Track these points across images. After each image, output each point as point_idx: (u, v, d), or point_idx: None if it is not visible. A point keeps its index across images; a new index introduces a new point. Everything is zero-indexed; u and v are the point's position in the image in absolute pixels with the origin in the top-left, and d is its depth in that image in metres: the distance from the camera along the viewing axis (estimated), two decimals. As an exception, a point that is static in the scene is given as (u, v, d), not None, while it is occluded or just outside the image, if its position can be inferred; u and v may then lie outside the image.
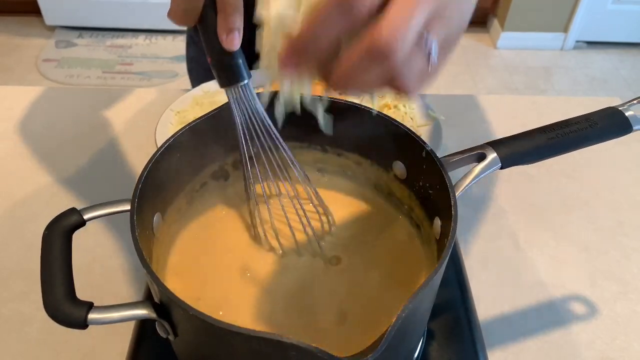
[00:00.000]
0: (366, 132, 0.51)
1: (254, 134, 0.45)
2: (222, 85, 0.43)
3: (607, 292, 0.61)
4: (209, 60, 0.42)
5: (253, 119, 0.44)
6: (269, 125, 0.45)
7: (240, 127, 0.45)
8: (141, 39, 2.64)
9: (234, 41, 0.40)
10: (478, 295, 0.59)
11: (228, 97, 0.44)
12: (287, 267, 0.49)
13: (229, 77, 0.42)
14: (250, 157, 0.47)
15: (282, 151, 0.47)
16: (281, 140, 0.46)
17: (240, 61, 0.42)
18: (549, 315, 0.59)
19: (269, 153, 0.47)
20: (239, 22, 0.40)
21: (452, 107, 0.86)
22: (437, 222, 0.45)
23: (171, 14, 0.40)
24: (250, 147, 0.46)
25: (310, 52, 0.31)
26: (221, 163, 0.53)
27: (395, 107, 0.75)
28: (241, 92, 0.43)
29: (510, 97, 0.89)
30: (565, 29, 2.59)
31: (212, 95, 0.77)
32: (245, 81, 0.43)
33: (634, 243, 0.67)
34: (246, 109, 0.44)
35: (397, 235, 0.52)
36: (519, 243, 0.66)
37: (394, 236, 0.52)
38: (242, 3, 0.40)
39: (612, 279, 0.62)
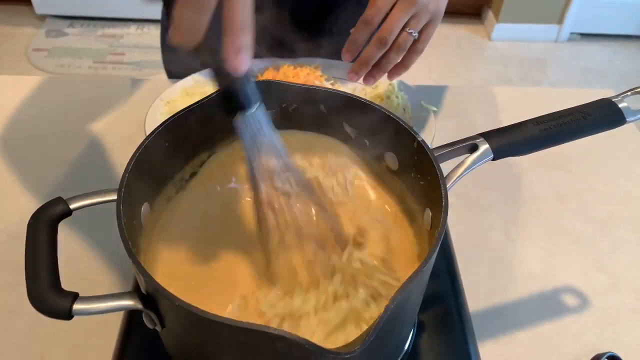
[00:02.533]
0: (358, 123, 0.51)
1: (262, 154, 0.42)
2: (229, 112, 0.39)
3: (597, 283, 0.61)
4: (216, 84, 0.38)
5: (262, 141, 0.41)
6: (279, 148, 0.42)
7: (248, 150, 0.42)
8: (133, 29, 2.61)
9: (241, 62, 0.35)
10: (469, 287, 0.59)
11: (236, 123, 0.40)
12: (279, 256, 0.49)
13: (238, 105, 0.38)
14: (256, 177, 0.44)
15: (291, 173, 0.44)
16: (292, 163, 0.44)
17: (250, 86, 0.38)
18: (540, 307, 0.59)
19: (277, 172, 0.44)
20: (247, 40, 0.35)
21: (445, 98, 0.85)
22: (428, 213, 0.45)
23: (174, 36, 0.34)
24: (258, 168, 0.43)
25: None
26: (210, 152, 0.52)
27: (388, 97, 0.74)
28: (251, 118, 0.39)
29: (504, 88, 0.89)
30: (560, 21, 2.59)
31: (202, 84, 0.76)
32: (255, 107, 0.39)
33: (625, 235, 0.67)
34: (255, 133, 0.40)
35: (389, 226, 0.52)
36: (510, 234, 0.66)
37: (386, 226, 0.52)
38: (251, 19, 0.35)
39: (603, 271, 0.63)
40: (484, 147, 0.45)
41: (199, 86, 0.76)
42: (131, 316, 0.52)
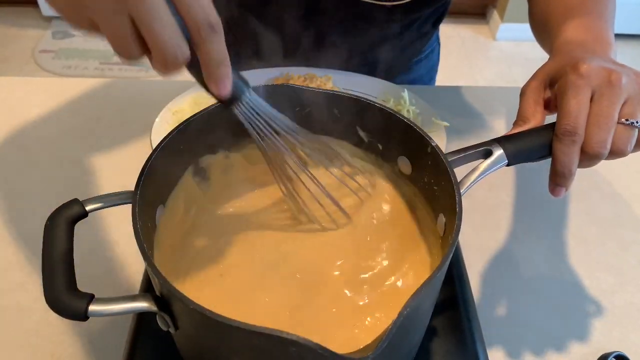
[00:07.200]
0: (371, 127, 0.51)
1: (268, 134, 0.45)
2: (226, 105, 0.42)
3: (604, 283, 0.61)
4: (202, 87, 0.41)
5: (264, 121, 0.44)
6: (280, 123, 0.45)
7: (254, 132, 0.44)
8: (138, 30, 2.62)
9: (224, 89, 0.39)
10: (476, 287, 0.59)
11: (234, 113, 0.43)
12: (290, 254, 0.50)
13: (231, 99, 0.41)
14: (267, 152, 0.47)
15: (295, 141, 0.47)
16: (294, 134, 0.46)
17: (237, 82, 0.41)
18: (547, 307, 0.59)
19: (283, 147, 0.46)
20: (225, 71, 0.38)
21: (450, 98, 0.86)
22: (442, 218, 0.45)
23: (157, 67, 0.37)
24: (267, 145, 0.45)
25: None
26: (226, 153, 0.52)
27: (399, 112, 0.74)
28: (244, 104, 0.42)
29: (508, 88, 0.89)
30: (565, 21, 2.58)
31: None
32: (245, 95, 0.42)
33: (631, 235, 0.67)
34: (254, 115, 0.43)
35: (401, 230, 0.52)
36: (517, 234, 0.66)
37: (398, 230, 0.52)
38: (226, 52, 0.37)
39: (610, 271, 0.63)
40: (499, 152, 0.44)
41: (207, 95, 0.75)
42: (142, 316, 0.52)
